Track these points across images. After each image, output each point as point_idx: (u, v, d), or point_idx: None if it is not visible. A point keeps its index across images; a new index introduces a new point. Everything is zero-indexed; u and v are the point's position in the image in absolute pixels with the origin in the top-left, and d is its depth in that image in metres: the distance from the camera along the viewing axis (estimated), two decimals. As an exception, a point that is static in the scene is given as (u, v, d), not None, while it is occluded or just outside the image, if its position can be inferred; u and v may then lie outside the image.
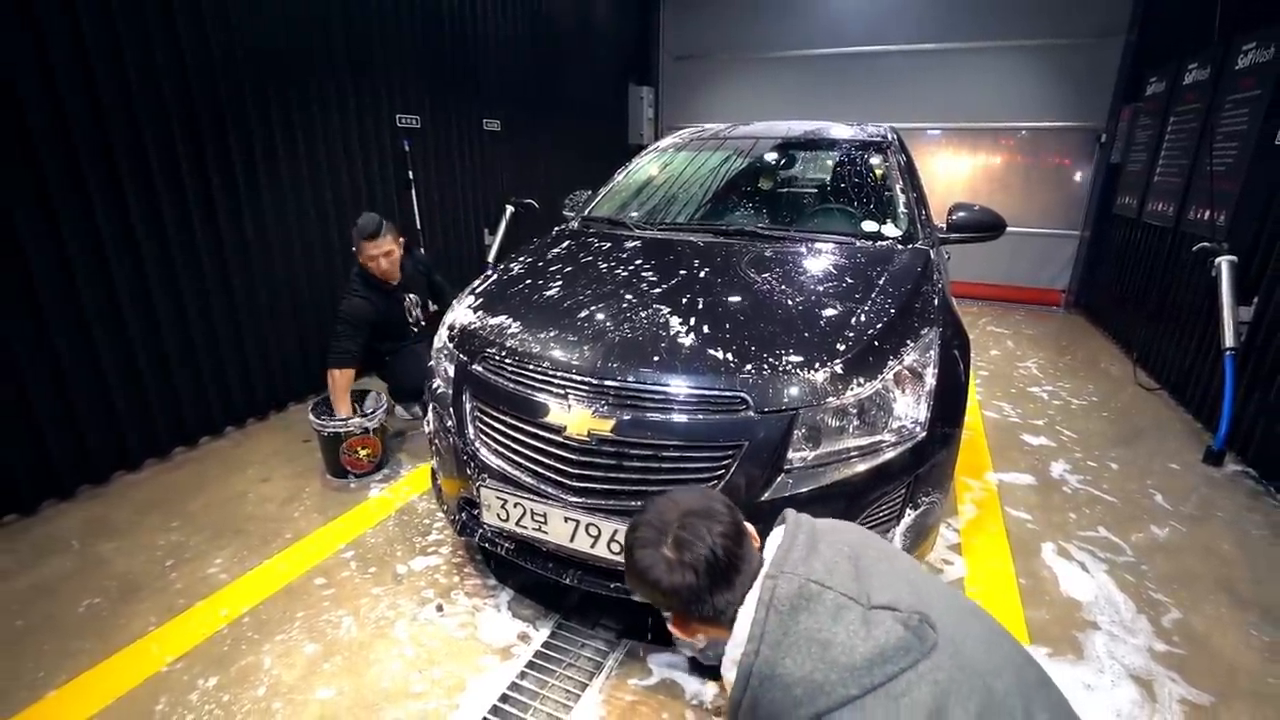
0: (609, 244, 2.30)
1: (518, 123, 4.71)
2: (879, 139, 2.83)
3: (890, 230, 2.31)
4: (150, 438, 2.63)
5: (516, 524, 1.59)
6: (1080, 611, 1.87)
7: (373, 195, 3.54)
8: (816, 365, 1.47)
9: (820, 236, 2.26)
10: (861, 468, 1.46)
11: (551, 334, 1.66)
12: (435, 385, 1.89)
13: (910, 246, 2.19)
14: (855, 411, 1.48)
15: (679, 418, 1.44)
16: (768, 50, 6.43)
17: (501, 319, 1.80)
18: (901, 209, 2.42)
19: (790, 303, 1.71)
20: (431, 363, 1.98)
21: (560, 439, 1.51)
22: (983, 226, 2.42)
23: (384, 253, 2.67)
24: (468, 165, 4.26)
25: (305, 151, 3.11)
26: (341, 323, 2.64)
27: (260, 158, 2.89)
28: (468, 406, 1.72)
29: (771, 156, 2.94)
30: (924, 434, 1.52)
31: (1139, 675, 1.64)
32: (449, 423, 1.76)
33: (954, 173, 6.00)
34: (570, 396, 1.52)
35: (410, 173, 3.76)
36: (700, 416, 1.44)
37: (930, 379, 1.58)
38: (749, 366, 1.46)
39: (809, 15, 6.20)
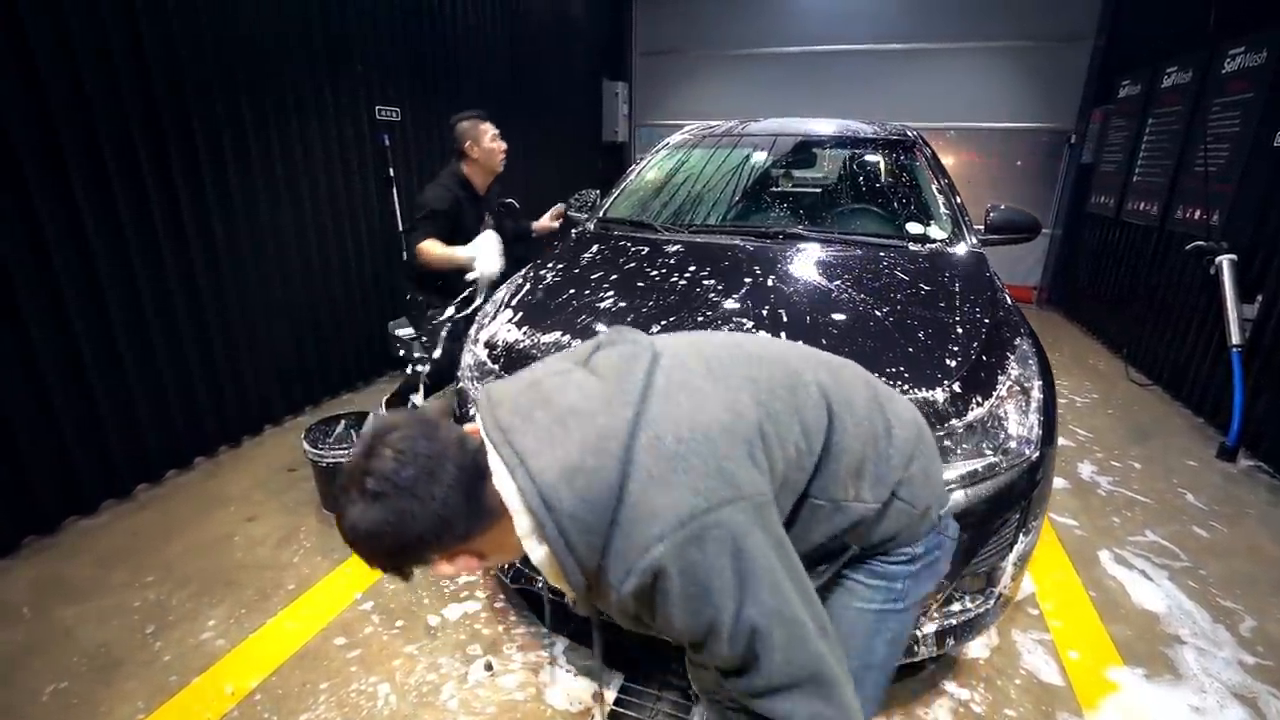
0: (646, 248, 2.11)
1: (496, 120, 4.42)
2: (904, 137, 2.74)
3: (935, 232, 2.22)
4: (107, 474, 2.26)
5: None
6: (1160, 624, 1.82)
7: (351, 194, 3.22)
8: (933, 384, 1.34)
9: (870, 239, 2.14)
10: (984, 494, 1.33)
11: (624, 353, 1.47)
12: (472, 411, 1.65)
13: (965, 249, 2.10)
14: (976, 433, 1.35)
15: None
16: (739, 47, 6.35)
17: (557, 335, 1.59)
18: (943, 209, 2.34)
19: (878, 313, 1.58)
20: (461, 384, 1.74)
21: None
22: (1021, 228, 2.37)
23: (498, 134, 2.56)
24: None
25: (280, 151, 2.77)
26: (421, 211, 2.42)
27: (231, 157, 2.54)
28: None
29: (797, 154, 2.82)
30: (1036, 454, 1.41)
31: (1241, 693, 1.59)
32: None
33: (929, 172, 6.07)
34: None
35: (390, 169, 3.44)
36: (816, 446, 1.27)
37: (1036, 393, 1.48)
38: (863, 387, 1.31)
39: (780, 13, 6.15)
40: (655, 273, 1.87)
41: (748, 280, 1.76)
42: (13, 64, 1.85)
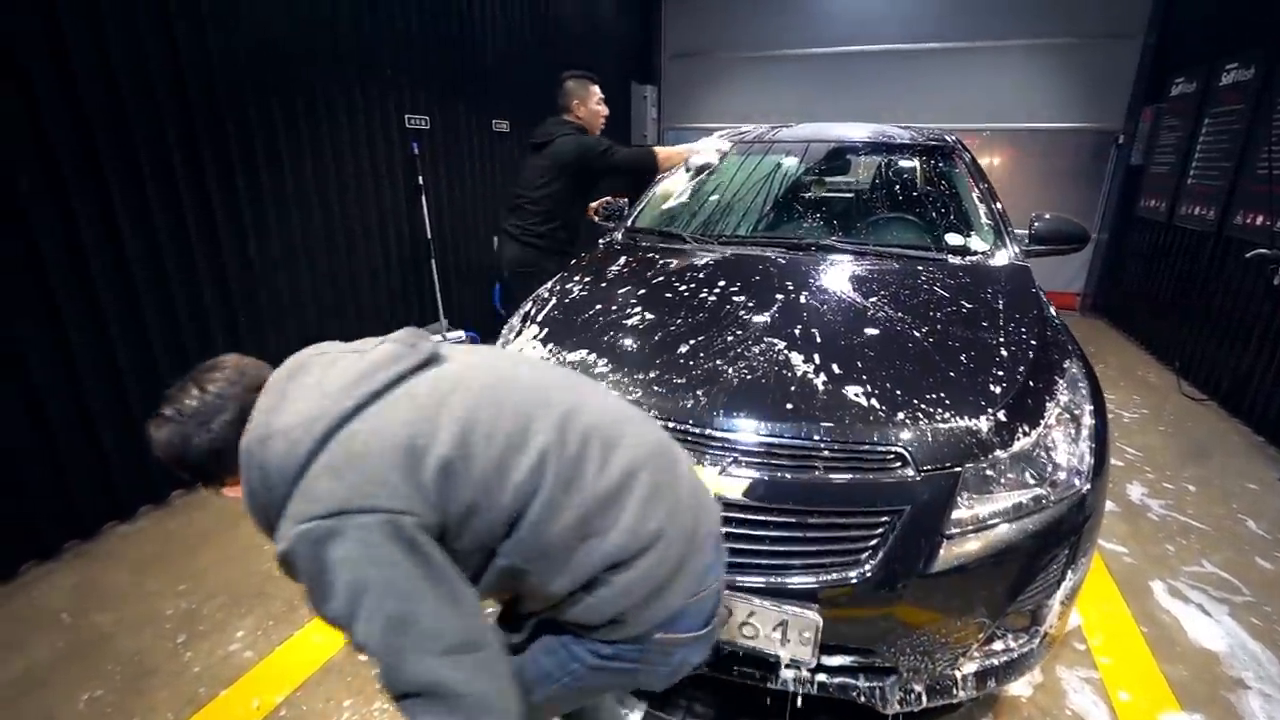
0: (675, 260, 2.07)
1: (525, 124, 4.43)
2: (943, 143, 2.65)
3: (977, 244, 2.13)
4: (144, 480, 2.32)
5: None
6: (1220, 665, 1.70)
7: (380, 201, 3.25)
8: (976, 411, 1.27)
9: (907, 251, 2.06)
10: (1030, 529, 1.25)
11: (652, 374, 1.43)
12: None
13: (1009, 263, 2.01)
14: (1022, 464, 1.28)
15: (825, 478, 1.22)
16: (769, 49, 6.25)
17: (582, 354, 1.55)
18: (984, 219, 2.24)
19: (917, 334, 1.50)
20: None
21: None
22: (1070, 238, 2.26)
23: (603, 99, 2.80)
24: (477, 168, 3.98)
25: (311, 159, 2.82)
26: (604, 144, 2.64)
27: (263, 163, 2.59)
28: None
29: (830, 161, 2.74)
30: (1087, 485, 1.32)
31: (1312, 746, 1.47)
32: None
33: (967, 174, 5.89)
34: (690, 452, 1.29)
35: (420, 177, 3.47)
36: (852, 477, 1.22)
37: (1087, 420, 1.39)
38: (901, 415, 1.25)
39: (813, 13, 6.03)
40: (685, 288, 1.82)
41: (779, 297, 1.70)
42: (57, 77, 1.90)
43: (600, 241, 2.45)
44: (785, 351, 1.44)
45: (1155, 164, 4.65)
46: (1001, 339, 1.49)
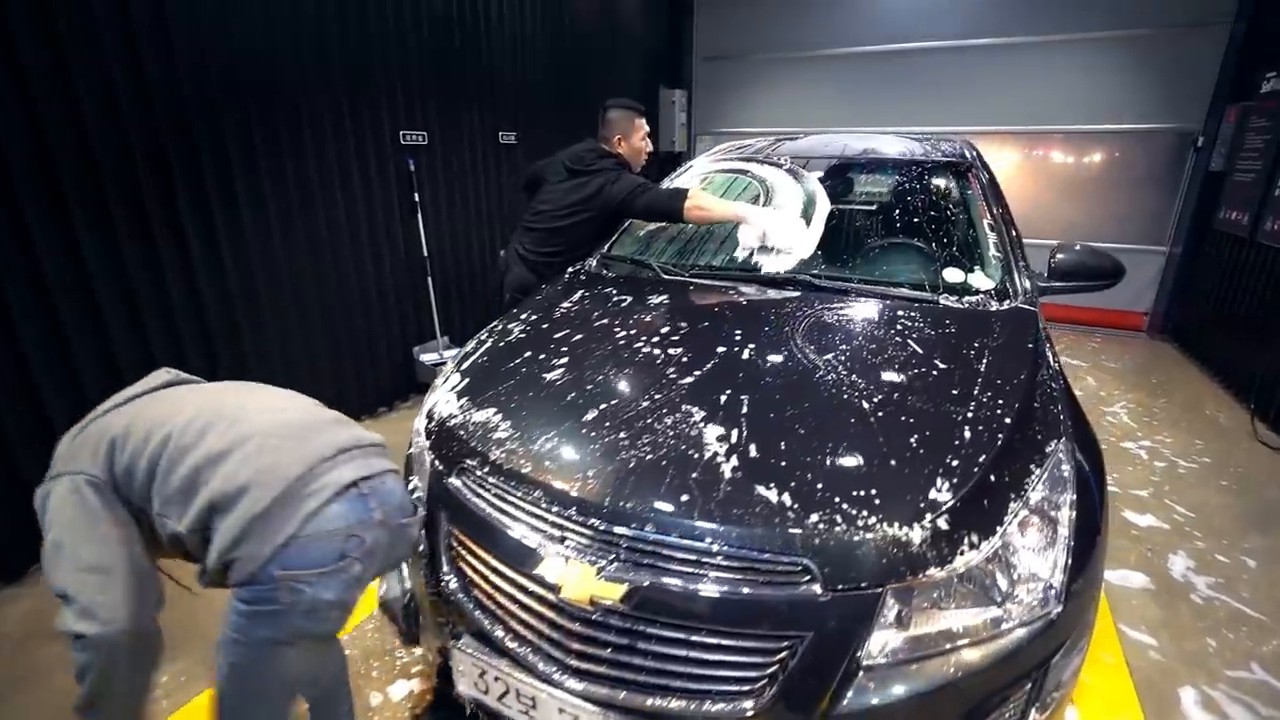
0: (629, 298, 1.90)
1: (536, 135, 4.34)
2: (958, 158, 2.36)
3: (980, 280, 1.85)
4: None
5: (498, 701, 1.21)
6: (1254, 813, 1.40)
7: (372, 221, 3.21)
8: (911, 517, 1.04)
9: (893, 290, 1.81)
10: (973, 662, 1.02)
11: (548, 445, 1.27)
12: (413, 488, 1.51)
13: (1010, 305, 1.73)
14: (965, 582, 1.05)
15: (715, 590, 1.03)
16: (809, 49, 5.92)
17: (488, 414, 1.41)
18: (992, 251, 1.96)
19: (866, 404, 1.28)
20: (410, 450, 1.61)
21: (555, 600, 1.12)
22: (1098, 274, 1.95)
23: (648, 134, 2.59)
24: (481, 181, 3.90)
25: (295, 180, 2.79)
26: (644, 184, 2.35)
27: (241, 187, 2.57)
28: (443, 531, 1.35)
29: (829, 180, 2.49)
30: (1059, 607, 1.08)
31: None
32: (421, 548, 1.39)
33: (1019, 181, 5.40)
34: (569, 544, 1.13)
35: (416, 194, 3.42)
36: (746, 591, 1.02)
37: (1066, 523, 1.14)
38: (815, 518, 1.04)
39: (855, 9, 5.66)
40: (624, 334, 1.65)
41: (721, 349, 1.51)
42: (8, 94, 1.91)
43: (570, 270, 2.30)
44: (701, 425, 1.25)
45: (1239, 170, 4.10)
46: (969, 413, 1.25)
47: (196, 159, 2.41)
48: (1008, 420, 1.23)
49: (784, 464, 1.14)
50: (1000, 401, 1.28)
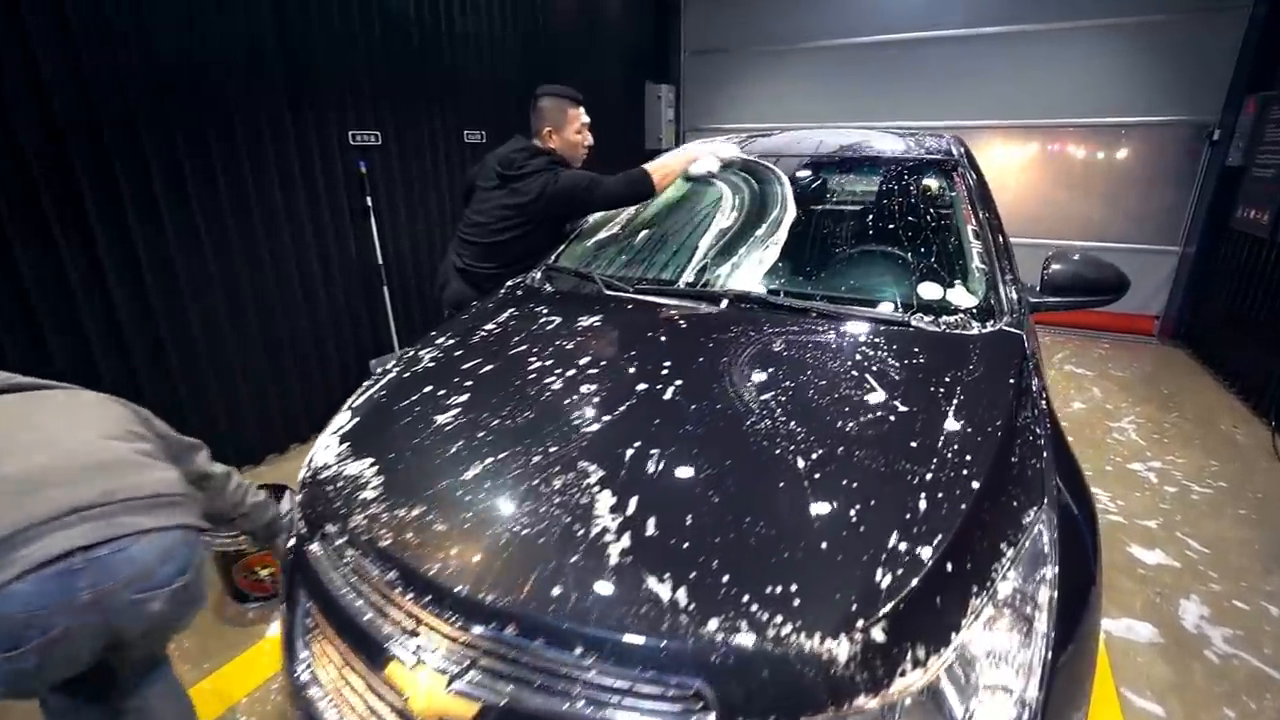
0: (558, 319, 1.67)
1: (508, 133, 4.10)
2: (943, 155, 2.12)
3: (960, 297, 1.61)
4: None
5: (345, 827, 0.99)
6: None
7: (320, 229, 3.00)
8: (839, 623, 0.81)
9: (858, 310, 1.57)
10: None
11: (414, 511, 1.05)
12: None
13: (993, 328, 1.49)
14: (907, 709, 0.81)
15: (587, 716, 0.80)
16: (803, 40, 5.65)
17: (363, 466, 1.19)
18: (976, 262, 1.71)
19: (802, 462, 1.05)
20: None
21: (402, 710, 0.90)
22: (1096, 288, 1.70)
23: (587, 125, 2.33)
24: (444, 183, 3.69)
25: (228, 187, 2.58)
26: (586, 179, 2.10)
27: (162, 194, 2.36)
28: (300, 609, 1.13)
29: (801, 182, 2.25)
30: (1036, 731, 0.84)
31: None
32: (281, 620, 1.18)
33: (1021, 178, 5.12)
34: (420, 643, 0.91)
35: (369, 198, 3.21)
36: (625, 718, 0.80)
37: (1043, 621, 0.90)
38: (714, 625, 0.81)
39: (852, -2, 5.40)
40: (537, 364, 1.42)
41: (641, 388, 1.28)
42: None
43: (508, 285, 2.08)
44: (595, 489, 1.02)
45: (1258, 166, 3.81)
46: (929, 475, 1.01)
47: (106, 162, 2.20)
48: (975, 485, 0.99)
49: (685, 546, 0.91)
50: (969, 459, 1.04)
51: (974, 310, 1.56)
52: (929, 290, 1.64)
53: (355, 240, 3.20)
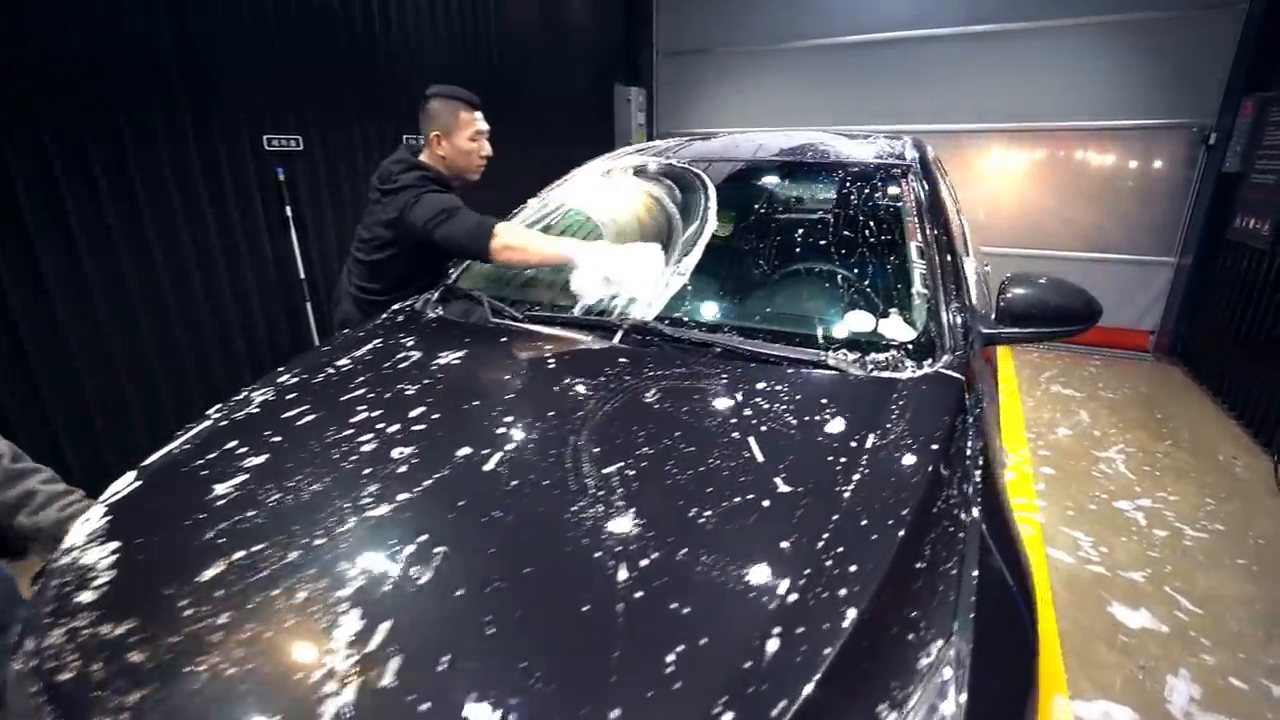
0: (418, 354, 1.41)
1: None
2: (893, 161, 1.86)
3: (895, 328, 1.35)
4: None
5: None
6: None
7: (231, 242, 2.75)
8: None
9: (767, 350, 1.30)
10: None
11: (119, 628, 0.78)
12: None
13: (930, 369, 1.22)
14: None
15: None
16: (782, 40, 5.41)
17: (104, 553, 0.92)
18: (917, 286, 1.45)
19: (625, 572, 0.77)
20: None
21: None
22: (1062, 317, 1.44)
23: (487, 134, 1.93)
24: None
25: (111, 201, 2.32)
26: (447, 210, 1.71)
27: (28, 208, 2.11)
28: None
29: (731, 191, 1.98)
30: None
31: None
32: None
33: (1009, 184, 4.86)
34: None
35: (288, 207, 2.95)
36: None
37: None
38: None
39: (831, -3, 5.16)
40: (364, 416, 1.16)
41: (461, 455, 1.01)
42: None
43: (393, 308, 1.82)
44: (342, 608, 0.75)
45: (1257, 172, 3.54)
46: (794, 593, 0.74)
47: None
48: (852, 614, 0.72)
49: (426, 708, 0.64)
50: (853, 571, 0.77)
51: (909, 346, 1.30)
52: (858, 321, 1.38)
53: (273, 253, 2.95)
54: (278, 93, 2.86)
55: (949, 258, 1.53)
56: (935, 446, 1.00)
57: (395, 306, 1.80)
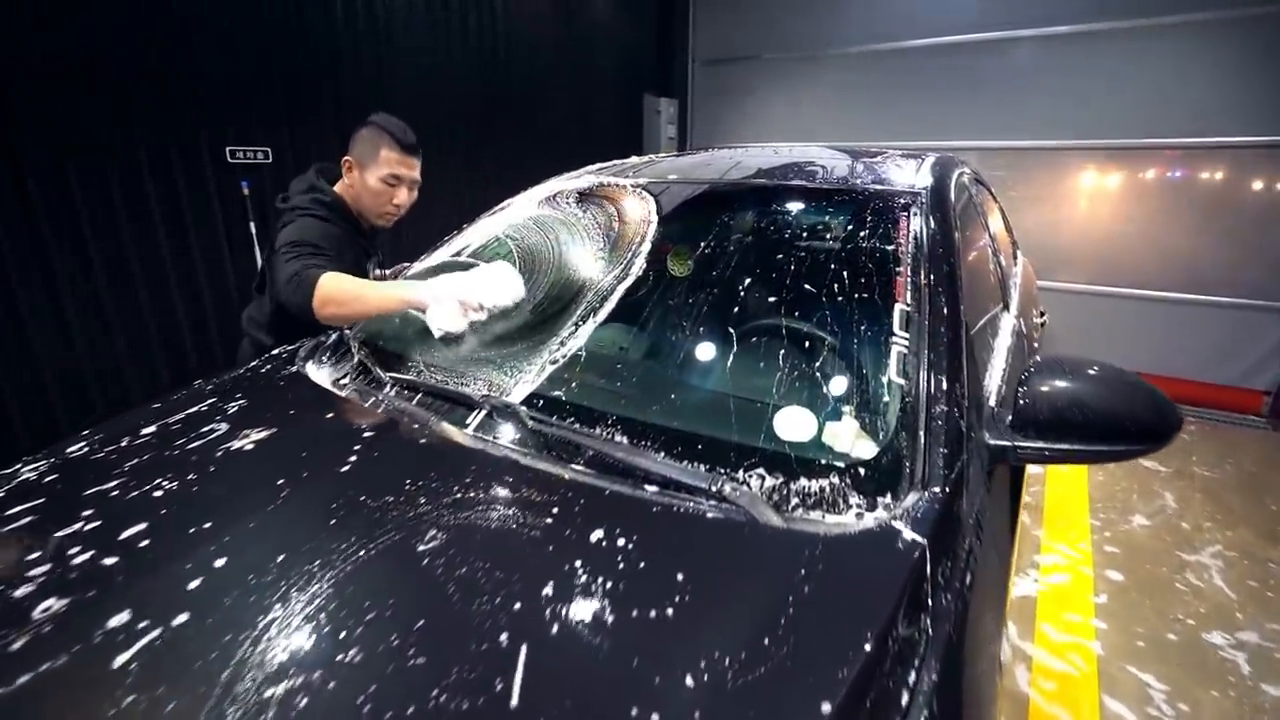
0: (226, 427, 1.09)
1: (455, 150, 3.64)
2: (894, 189, 1.42)
3: (846, 437, 0.93)
4: None
5: None
6: None
7: (186, 262, 2.57)
8: None
9: (641, 463, 0.90)
10: None
11: None
12: None
13: (876, 523, 0.80)
14: None
15: None
16: (833, 46, 4.92)
17: None
18: (892, 372, 1.01)
19: None
20: None
21: None
22: (1116, 430, 0.96)
23: (410, 182, 1.64)
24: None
25: (47, 210, 2.17)
26: (292, 246, 1.46)
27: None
28: None
29: (687, 226, 1.57)
30: None
31: None
32: None
33: (1090, 215, 4.18)
34: None
35: (252, 224, 2.77)
36: None
37: None
38: None
39: (890, -1, 4.64)
40: (78, 528, 0.85)
41: (106, 629, 0.67)
42: None
43: (275, 350, 1.52)
44: None
45: None
46: None
47: None
48: None
49: None
50: None
51: (861, 470, 0.87)
52: (792, 424, 0.96)
53: (235, 274, 2.76)
54: (243, 101, 2.67)
55: (949, 328, 1.08)
56: (867, 639, 0.58)
57: (272, 353, 1.51)
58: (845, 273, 1.19)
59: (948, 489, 0.86)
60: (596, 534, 0.77)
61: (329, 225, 1.56)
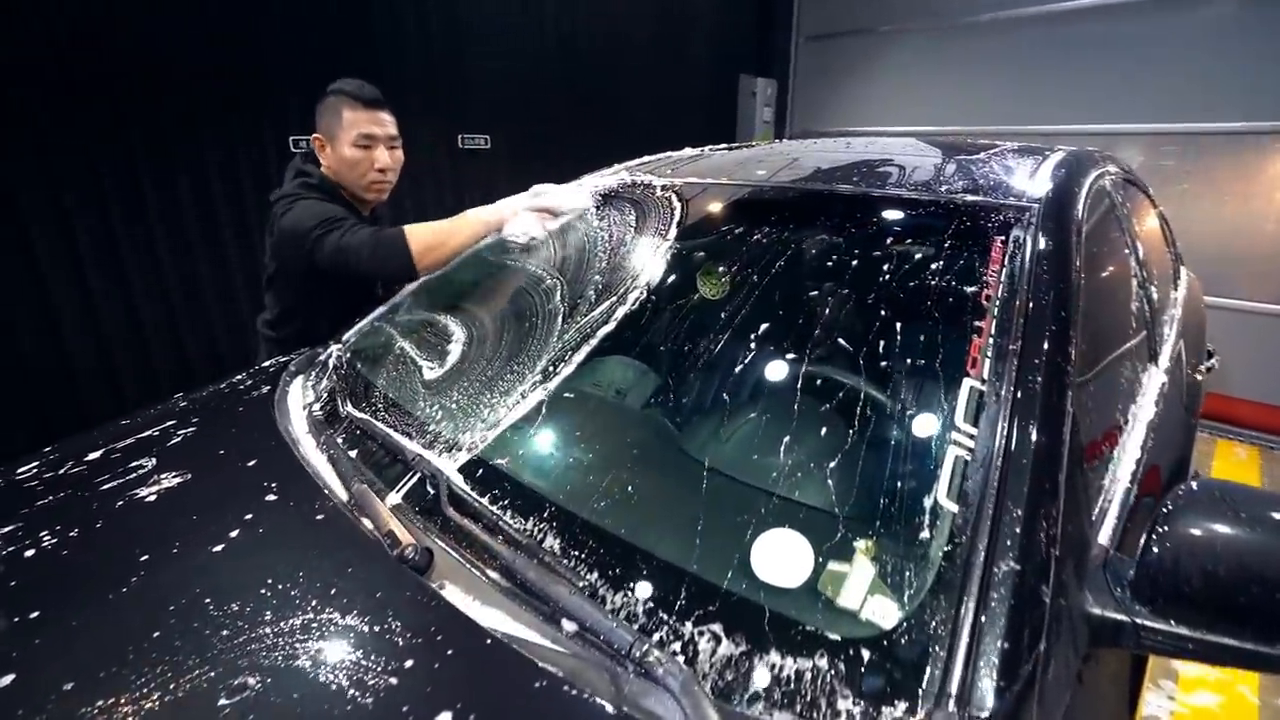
0: (153, 463, 0.98)
1: (524, 137, 3.51)
2: (999, 205, 1.04)
3: (861, 597, 0.63)
4: None
5: None
6: None
7: (221, 253, 2.60)
8: None
9: (579, 617, 0.66)
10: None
11: None
12: None
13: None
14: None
15: None
16: (963, 14, 4.26)
17: None
18: (940, 496, 0.69)
19: None
20: None
21: None
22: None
23: (386, 140, 1.47)
24: (427, 199, 3.17)
25: (121, 214, 2.27)
26: (323, 224, 1.34)
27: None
28: None
29: (681, 246, 1.27)
30: None
31: None
32: None
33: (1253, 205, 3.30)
34: None
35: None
36: None
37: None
38: None
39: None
40: (18, 572, 0.75)
41: None
42: None
43: (267, 362, 1.43)
44: None
45: None
46: None
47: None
48: None
49: None
50: None
51: (863, 651, 0.58)
52: (774, 555, 0.67)
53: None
54: (303, 90, 2.66)
55: (1044, 423, 0.73)
56: None
57: (264, 365, 1.42)
58: (895, 325, 0.86)
59: (1013, 692, 0.54)
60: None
61: (328, 204, 1.43)
